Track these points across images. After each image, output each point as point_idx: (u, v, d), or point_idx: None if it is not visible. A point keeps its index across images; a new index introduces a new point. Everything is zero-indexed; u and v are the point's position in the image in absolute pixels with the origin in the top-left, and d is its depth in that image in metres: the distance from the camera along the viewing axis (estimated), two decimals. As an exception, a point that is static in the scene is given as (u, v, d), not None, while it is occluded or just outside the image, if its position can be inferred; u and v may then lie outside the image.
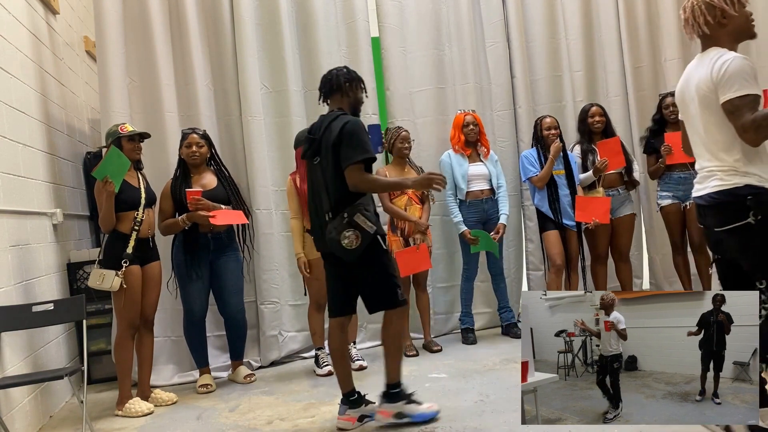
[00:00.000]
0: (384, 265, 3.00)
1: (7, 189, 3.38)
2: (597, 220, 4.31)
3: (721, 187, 2.28)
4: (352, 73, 3.09)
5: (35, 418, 3.42)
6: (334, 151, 2.90)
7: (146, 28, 4.29)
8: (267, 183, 4.45)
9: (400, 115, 4.75)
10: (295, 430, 3.10)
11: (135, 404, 3.57)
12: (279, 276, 4.46)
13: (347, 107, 3.06)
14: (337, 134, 2.88)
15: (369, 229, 2.86)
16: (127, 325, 3.60)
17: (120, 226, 3.59)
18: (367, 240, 2.87)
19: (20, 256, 3.46)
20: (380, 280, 3.00)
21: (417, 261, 4.19)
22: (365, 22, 4.73)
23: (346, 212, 2.86)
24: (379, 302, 3.04)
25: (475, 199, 4.49)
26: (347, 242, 2.84)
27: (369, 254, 2.92)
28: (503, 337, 4.62)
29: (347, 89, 3.05)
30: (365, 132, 2.92)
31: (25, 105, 3.72)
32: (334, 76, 3.07)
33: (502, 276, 4.64)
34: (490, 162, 4.58)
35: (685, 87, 2.45)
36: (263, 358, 4.41)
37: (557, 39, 5.05)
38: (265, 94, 4.52)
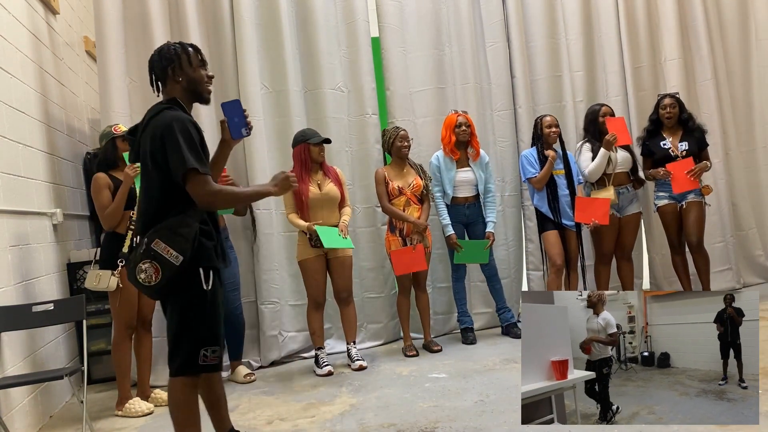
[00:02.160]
0: (190, 312, 2.34)
1: (7, 189, 3.38)
2: (596, 221, 4.31)
3: None
4: (173, 51, 2.43)
5: (35, 418, 3.42)
6: (152, 157, 2.34)
7: (146, 28, 4.29)
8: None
9: (400, 115, 4.75)
10: (295, 430, 3.10)
11: (135, 404, 3.57)
12: (279, 276, 4.46)
13: (181, 95, 2.45)
14: (156, 135, 2.32)
15: (173, 259, 2.26)
16: (123, 326, 3.60)
17: (117, 227, 3.59)
18: (170, 273, 2.27)
19: (20, 256, 3.46)
20: (177, 331, 2.36)
21: (412, 261, 4.21)
22: (365, 22, 4.73)
23: (146, 237, 2.30)
24: (170, 359, 2.39)
25: (457, 204, 4.50)
26: (144, 276, 2.27)
27: (176, 293, 2.34)
28: (503, 337, 4.62)
29: (169, 76, 2.43)
30: (192, 130, 2.35)
31: (25, 105, 3.72)
32: (153, 63, 2.46)
33: (497, 277, 4.64)
34: (479, 166, 4.54)
35: None
36: (263, 358, 4.41)
37: (557, 39, 5.05)
38: (265, 94, 4.52)
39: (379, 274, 4.71)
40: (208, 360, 2.38)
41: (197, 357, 2.35)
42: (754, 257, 5.36)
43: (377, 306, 4.73)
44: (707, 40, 5.19)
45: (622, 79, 5.15)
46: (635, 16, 5.15)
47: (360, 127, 4.70)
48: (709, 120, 5.04)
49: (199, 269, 2.35)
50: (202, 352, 2.36)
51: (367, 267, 4.70)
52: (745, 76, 5.39)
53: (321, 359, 4.10)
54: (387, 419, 3.09)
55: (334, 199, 4.08)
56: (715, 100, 5.17)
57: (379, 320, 4.75)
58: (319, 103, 4.63)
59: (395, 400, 3.38)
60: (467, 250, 4.41)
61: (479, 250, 4.43)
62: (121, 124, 3.75)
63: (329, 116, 4.62)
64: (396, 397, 3.43)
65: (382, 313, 4.74)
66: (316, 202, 4.03)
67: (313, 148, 4.04)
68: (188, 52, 2.46)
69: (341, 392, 3.64)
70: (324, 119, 4.62)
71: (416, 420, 3.04)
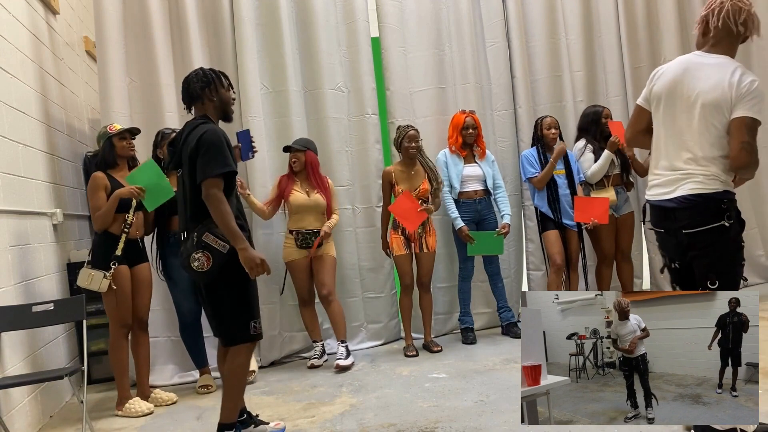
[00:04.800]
0: (238, 291, 2.77)
1: (7, 189, 3.38)
2: (596, 220, 4.31)
3: (700, 190, 2.29)
4: (209, 75, 2.86)
5: (35, 418, 3.42)
6: (191, 164, 2.71)
7: (146, 28, 4.29)
8: (267, 183, 4.44)
9: (400, 115, 4.75)
10: (295, 430, 3.10)
11: (135, 404, 3.57)
12: (279, 276, 4.45)
13: (212, 112, 2.86)
14: (194, 146, 2.69)
15: (221, 248, 2.68)
16: (119, 325, 3.60)
17: (110, 227, 3.60)
18: (220, 260, 2.69)
19: (20, 256, 3.46)
20: (231, 308, 2.78)
21: (410, 213, 4.21)
22: (365, 22, 4.73)
23: (195, 231, 2.70)
24: (227, 334, 2.82)
25: (468, 199, 4.50)
26: (197, 264, 2.67)
27: (225, 276, 2.73)
28: (503, 337, 4.62)
29: (206, 95, 2.84)
30: (224, 143, 2.71)
31: (25, 105, 3.72)
32: (190, 83, 2.85)
33: (499, 276, 4.65)
34: (486, 163, 4.58)
35: (684, 83, 2.35)
36: (263, 358, 4.41)
37: (557, 39, 5.05)
38: (265, 94, 4.52)
39: (379, 274, 4.71)
40: (257, 330, 2.84)
41: (249, 328, 2.79)
42: (755, 257, 5.36)
43: (377, 306, 4.73)
44: (707, 40, 5.18)
45: (622, 79, 5.15)
46: (635, 16, 5.15)
47: (360, 127, 4.70)
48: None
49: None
50: (252, 324, 2.80)
51: (367, 267, 4.70)
52: (745, 76, 5.38)
53: (316, 351, 4.29)
54: (387, 419, 3.10)
55: (320, 207, 4.24)
56: (715, 100, 5.17)
57: (379, 320, 4.75)
58: (319, 103, 4.63)
59: (395, 400, 3.38)
60: (480, 241, 4.41)
61: (492, 240, 4.43)
62: (116, 123, 3.77)
63: (329, 116, 4.63)
64: (396, 397, 3.43)
65: (382, 313, 4.74)
66: (303, 207, 4.20)
67: (290, 156, 4.27)
68: (221, 76, 2.90)
69: (341, 392, 3.64)
70: (324, 119, 4.62)
71: (416, 420, 3.04)
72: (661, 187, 2.39)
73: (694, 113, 2.33)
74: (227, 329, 2.80)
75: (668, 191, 2.36)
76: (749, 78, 2.27)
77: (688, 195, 2.31)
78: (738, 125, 2.24)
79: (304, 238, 4.19)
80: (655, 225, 2.47)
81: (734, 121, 2.25)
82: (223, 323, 2.80)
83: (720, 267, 2.32)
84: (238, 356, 2.81)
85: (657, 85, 2.44)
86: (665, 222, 2.40)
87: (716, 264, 2.32)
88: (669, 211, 2.37)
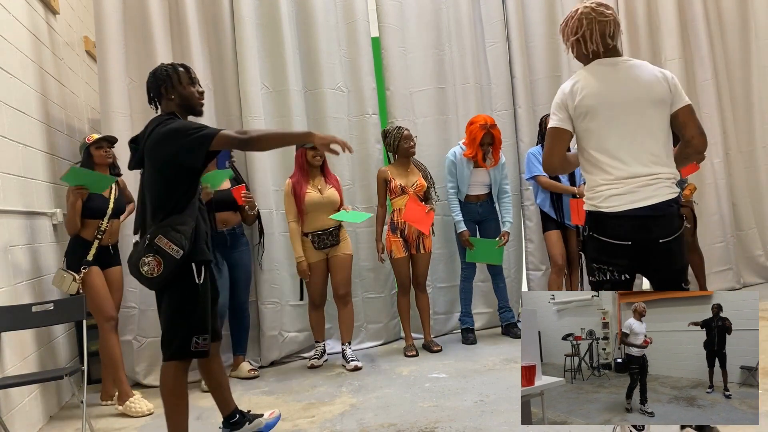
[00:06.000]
0: (184, 302, 2.55)
1: (7, 189, 3.38)
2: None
3: (671, 195, 2.22)
4: (164, 73, 2.67)
5: (35, 418, 3.42)
6: (151, 158, 2.56)
7: (146, 28, 4.29)
8: (267, 183, 4.45)
9: (400, 115, 4.75)
10: (295, 430, 3.10)
11: (136, 403, 3.57)
12: (279, 276, 4.46)
13: (176, 108, 2.68)
14: (154, 139, 2.54)
15: (174, 253, 2.46)
16: (103, 320, 3.64)
17: (83, 233, 3.63)
18: (171, 267, 2.47)
19: (20, 256, 3.46)
20: (173, 318, 2.56)
21: (421, 217, 4.22)
22: (365, 22, 4.73)
23: (149, 233, 2.51)
24: (168, 345, 2.59)
25: (470, 201, 4.50)
26: (147, 269, 2.47)
27: (173, 284, 2.53)
28: (503, 337, 4.62)
29: (166, 92, 2.66)
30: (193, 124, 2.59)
31: (25, 105, 3.72)
32: (149, 83, 2.71)
33: (501, 276, 4.65)
34: (496, 169, 4.53)
35: (617, 87, 2.25)
36: (263, 358, 4.42)
37: (557, 39, 5.04)
38: (265, 94, 4.52)
39: (379, 274, 4.71)
40: (200, 347, 2.59)
41: (190, 344, 2.56)
42: (754, 257, 5.36)
43: (377, 306, 4.73)
44: (707, 40, 5.19)
45: (622, 80, 5.14)
46: (635, 16, 5.15)
47: (360, 127, 4.70)
48: (709, 120, 5.05)
49: (192, 264, 2.56)
50: (194, 340, 2.57)
51: (367, 267, 4.70)
52: (745, 76, 5.39)
53: (317, 351, 4.28)
54: (387, 419, 3.10)
55: (334, 203, 4.17)
56: (715, 100, 5.18)
57: (379, 320, 4.75)
58: (319, 103, 4.63)
59: (395, 400, 3.38)
60: (479, 248, 4.41)
61: (492, 249, 4.42)
62: (94, 134, 3.82)
63: (329, 116, 4.63)
64: (396, 397, 3.43)
65: (382, 313, 4.74)
66: (317, 205, 4.11)
67: (309, 152, 4.13)
68: (179, 71, 2.69)
69: (341, 392, 3.64)
70: (324, 119, 4.62)
71: (416, 420, 3.04)
72: (628, 195, 2.19)
73: (645, 112, 2.23)
74: (168, 341, 2.58)
75: (641, 198, 2.18)
76: (666, 70, 2.34)
77: (668, 201, 2.20)
78: (688, 112, 2.27)
79: (321, 239, 4.13)
80: (620, 238, 2.21)
81: (683, 109, 2.27)
82: (165, 334, 2.59)
83: (686, 269, 2.33)
84: (167, 374, 2.57)
85: (584, 99, 2.28)
86: (639, 233, 2.19)
87: (684, 268, 2.31)
88: (645, 220, 2.18)
